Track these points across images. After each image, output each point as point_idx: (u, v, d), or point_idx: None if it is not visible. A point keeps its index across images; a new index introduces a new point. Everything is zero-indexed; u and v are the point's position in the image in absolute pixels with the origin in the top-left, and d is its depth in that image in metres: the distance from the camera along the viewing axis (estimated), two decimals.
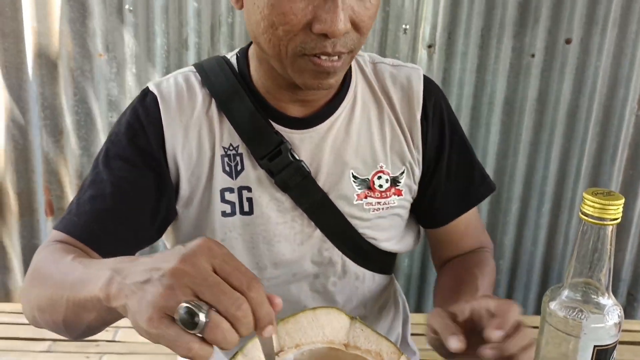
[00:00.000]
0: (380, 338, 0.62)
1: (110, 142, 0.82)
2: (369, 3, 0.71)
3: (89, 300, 0.58)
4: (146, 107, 0.82)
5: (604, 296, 0.57)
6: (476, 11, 1.62)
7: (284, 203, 0.84)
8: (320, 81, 0.74)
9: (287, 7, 0.68)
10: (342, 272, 0.88)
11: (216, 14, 1.64)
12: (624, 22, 1.62)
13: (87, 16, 1.65)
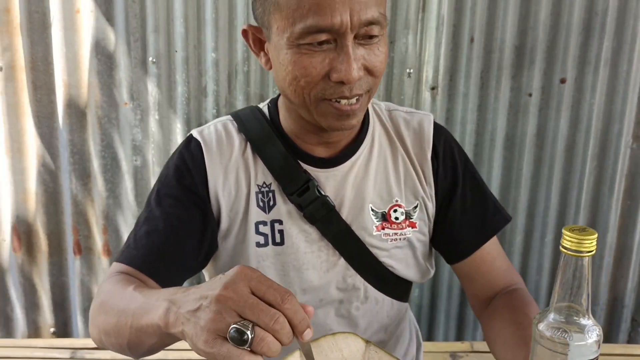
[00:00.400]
0: (392, 359, 0.71)
1: (160, 183, 0.95)
2: (378, 51, 0.82)
3: (149, 326, 0.69)
4: (191, 152, 0.94)
5: (585, 317, 0.65)
6: (475, 55, 1.74)
7: (311, 234, 0.94)
8: (342, 122, 0.85)
9: (307, 62, 0.80)
10: (364, 297, 0.98)
11: (232, 64, 1.76)
12: (614, 62, 1.73)
13: (113, 68, 1.78)
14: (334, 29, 0.77)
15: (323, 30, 0.77)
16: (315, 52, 0.80)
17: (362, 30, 0.79)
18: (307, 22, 0.77)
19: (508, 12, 1.70)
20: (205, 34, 1.74)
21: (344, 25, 0.77)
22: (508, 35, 1.71)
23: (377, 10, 0.80)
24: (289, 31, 0.79)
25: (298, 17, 0.78)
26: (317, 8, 0.76)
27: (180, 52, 1.75)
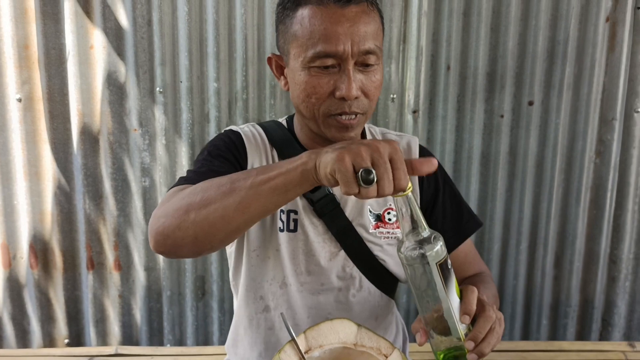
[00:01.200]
0: (379, 338, 0.88)
1: (210, 148, 1.10)
2: (374, 77, 1.03)
3: (284, 173, 0.81)
4: (232, 138, 1.12)
5: (425, 231, 0.81)
6: (452, 81, 1.92)
7: (318, 227, 1.13)
8: (342, 134, 1.05)
9: (316, 82, 1.01)
10: (359, 286, 1.15)
11: (232, 92, 1.94)
12: (576, 85, 1.92)
13: (124, 98, 1.95)
14: (338, 55, 0.98)
15: (329, 55, 0.98)
16: (323, 74, 1.00)
17: (361, 58, 0.99)
18: (317, 48, 0.98)
19: (480, 42, 1.89)
20: (208, 66, 1.92)
21: (346, 52, 0.98)
22: (480, 63, 1.90)
23: (374, 42, 1.00)
24: (303, 56, 1.00)
25: (310, 44, 0.99)
26: (325, 38, 0.97)
27: (185, 83, 1.93)
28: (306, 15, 0.99)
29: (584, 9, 1.87)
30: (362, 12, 1.00)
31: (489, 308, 0.87)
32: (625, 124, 1.95)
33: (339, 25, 0.97)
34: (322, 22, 0.98)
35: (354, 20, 0.98)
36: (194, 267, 2.06)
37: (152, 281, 2.08)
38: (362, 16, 0.99)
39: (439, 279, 0.80)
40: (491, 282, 1.17)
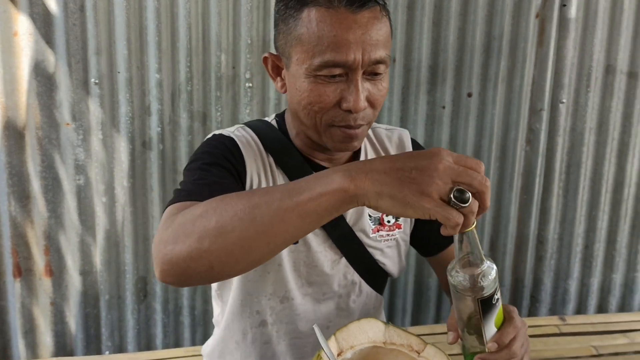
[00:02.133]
0: (409, 335, 0.89)
1: (203, 156, 0.99)
2: (381, 85, 0.96)
3: (317, 198, 0.68)
4: (229, 143, 1.02)
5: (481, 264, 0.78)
6: (397, 73, 1.96)
7: (319, 236, 1.08)
8: (347, 144, 0.99)
9: (322, 90, 0.93)
10: (359, 291, 1.14)
11: (176, 84, 1.85)
12: (510, 78, 2.03)
13: (53, 89, 1.80)
14: (347, 65, 0.90)
15: (338, 65, 0.90)
16: (329, 83, 0.92)
17: (370, 68, 0.92)
18: (325, 57, 0.90)
19: (423, 36, 1.94)
20: (149, 56, 1.81)
21: (356, 62, 0.90)
22: (424, 57, 1.96)
23: (385, 51, 0.93)
24: (308, 63, 0.92)
25: (317, 52, 0.90)
26: (335, 46, 0.89)
27: (123, 73, 1.81)
28: (314, 18, 0.90)
29: (517, 6, 1.98)
30: (375, 17, 0.92)
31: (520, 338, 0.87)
32: (551, 114, 2.09)
33: (350, 32, 0.89)
34: (331, 28, 0.89)
35: (367, 27, 0.90)
36: (135, 267, 1.95)
37: (89, 286, 1.95)
38: (374, 22, 0.92)
39: (479, 310, 0.80)
40: None
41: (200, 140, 1.88)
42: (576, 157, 2.14)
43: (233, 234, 0.70)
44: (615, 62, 2.07)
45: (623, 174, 2.18)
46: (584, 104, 2.10)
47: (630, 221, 2.24)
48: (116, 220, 1.91)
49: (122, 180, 1.88)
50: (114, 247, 1.93)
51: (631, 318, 2.13)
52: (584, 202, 2.19)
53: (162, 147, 1.88)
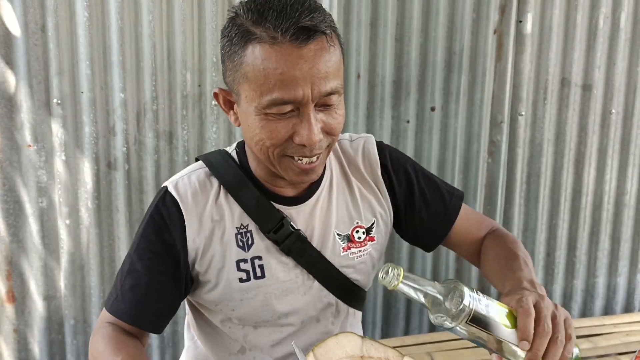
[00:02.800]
0: (386, 347, 0.90)
1: (139, 237, 1.03)
2: (336, 114, 0.94)
3: None
4: (167, 207, 1.02)
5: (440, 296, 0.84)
6: (362, 89, 1.99)
7: (288, 264, 1.06)
8: (302, 178, 0.98)
9: (273, 127, 0.91)
10: (336, 312, 1.13)
11: (141, 103, 1.83)
12: (470, 92, 2.08)
13: (14, 111, 1.76)
14: (297, 101, 0.88)
15: (287, 102, 0.88)
16: (280, 119, 0.90)
17: (322, 100, 0.90)
18: (273, 95, 0.87)
19: (386, 53, 1.98)
20: (112, 76, 1.80)
21: (305, 98, 0.88)
22: (387, 72, 2.00)
23: (336, 81, 0.90)
24: (257, 101, 0.89)
25: (265, 90, 0.88)
26: (282, 84, 0.87)
27: (87, 93, 1.79)
28: (259, 56, 0.88)
29: (475, 23, 2.04)
30: (322, 49, 0.88)
31: (542, 317, 0.85)
32: (511, 126, 2.15)
33: (296, 67, 0.86)
34: (277, 65, 0.87)
35: (314, 61, 0.87)
36: (101, 290, 1.91)
37: (53, 311, 1.90)
38: (322, 54, 0.88)
39: (476, 330, 0.82)
40: (514, 247, 1.10)
41: (166, 160, 1.87)
42: (536, 167, 2.20)
43: None
44: (569, 75, 2.15)
45: (580, 183, 2.26)
46: (541, 116, 2.17)
47: (589, 228, 2.31)
48: (81, 243, 1.87)
49: (87, 201, 1.85)
50: (78, 270, 1.89)
51: (593, 323, 2.20)
52: (544, 211, 2.25)
53: (128, 167, 1.86)
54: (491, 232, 1.18)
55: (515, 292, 0.91)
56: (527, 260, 1.05)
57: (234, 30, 0.92)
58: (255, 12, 0.89)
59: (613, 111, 2.22)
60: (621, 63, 2.19)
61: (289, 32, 0.86)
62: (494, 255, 1.10)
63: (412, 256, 2.18)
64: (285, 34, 0.86)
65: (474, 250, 1.18)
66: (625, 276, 2.39)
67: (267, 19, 0.88)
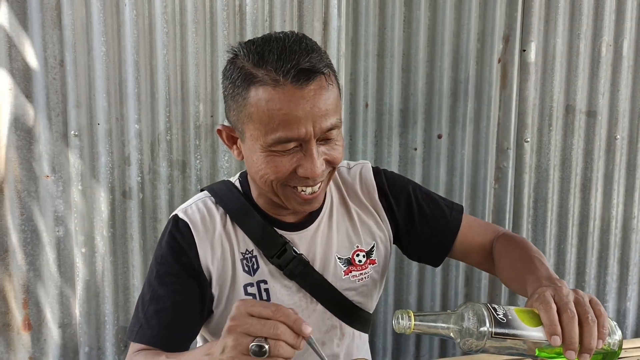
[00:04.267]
0: None
1: (158, 264, 1.07)
2: (336, 145, 0.99)
3: None
4: (181, 232, 1.07)
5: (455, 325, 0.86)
6: (370, 118, 2.04)
7: (291, 288, 1.11)
8: (305, 207, 1.03)
9: (278, 161, 0.96)
10: (340, 334, 1.16)
11: (155, 133, 1.88)
12: (477, 120, 2.12)
13: (33, 143, 1.81)
14: (300, 139, 0.93)
15: (291, 140, 0.93)
16: (284, 155, 0.95)
17: (323, 135, 0.95)
18: (277, 134, 0.92)
19: (393, 82, 2.03)
20: (128, 107, 1.85)
21: (308, 135, 0.93)
22: (395, 101, 2.04)
23: (335, 117, 0.96)
24: (262, 140, 0.94)
25: (269, 130, 0.93)
26: (285, 123, 0.92)
27: (103, 125, 1.84)
28: (262, 98, 0.92)
29: (480, 52, 2.08)
30: (321, 87, 0.93)
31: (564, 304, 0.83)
32: (517, 152, 2.19)
33: (299, 108, 0.91)
34: (280, 106, 0.91)
35: (314, 100, 0.92)
36: (115, 317, 1.94)
37: (68, 338, 1.93)
38: (321, 93, 0.93)
39: (505, 342, 0.82)
40: (526, 248, 1.10)
41: (180, 189, 1.91)
42: (542, 192, 2.23)
43: None
44: (574, 102, 2.19)
45: (587, 207, 2.28)
46: (547, 142, 2.20)
47: (597, 253, 2.32)
48: (96, 271, 1.91)
49: (102, 230, 1.89)
50: (93, 298, 1.92)
51: None
52: (552, 235, 2.27)
53: (142, 196, 1.90)
54: (498, 237, 1.19)
55: (534, 293, 0.91)
56: (541, 259, 1.05)
57: (235, 72, 0.96)
58: (255, 55, 0.94)
59: (618, 137, 2.25)
60: (625, 89, 2.22)
61: (290, 74, 0.91)
62: (508, 262, 1.10)
63: (421, 281, 2.19)
64: (287, 76, 0.91)
65: (484, 258, 1.19)
66: (635, 300, 2.39)
67: (268, 61, 0.92)
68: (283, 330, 0.76)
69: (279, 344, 0.76)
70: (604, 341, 0.84)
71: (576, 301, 0.85)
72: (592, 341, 0.82)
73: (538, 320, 0.84)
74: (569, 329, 0.81)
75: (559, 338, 0.81)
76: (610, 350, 0.87)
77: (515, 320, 0.83)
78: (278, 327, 0.76)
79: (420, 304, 2.20)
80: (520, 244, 1.12)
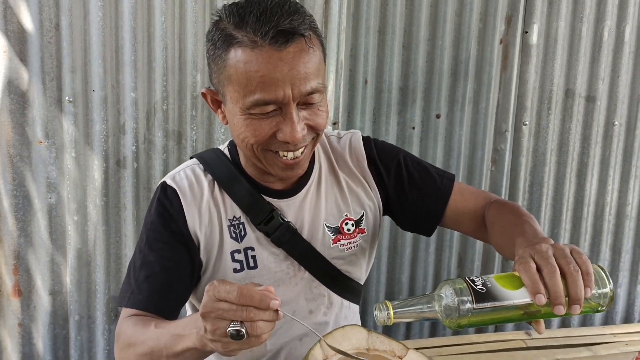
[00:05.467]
0: (390, 340, 0.92)
1: (148, 230, 1.06)
2: (319, 111, 0.98)
3: (186, 350, 0.85)
4: (169, 199, 1.07)
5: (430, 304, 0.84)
6: (369, 95, 2.02)
7: (279, 255, 1.10)
8: (288, 173, 1.02)
9: (257, 125, 0.96)
10: (329, 303, 1.16)
11: (151, 102, 1.86)
12: (476, 100, 2.11)
13: (26, 107, 1.79)
14: (278, 101, 0.92)
15: (269, 103, 0.92)
16: (264, 118, 0.95)
17: (304, 99, 0.94)
18: (255, 96, 0.92)
19: (394, 59, 2.01)
20: (124, 75, 1.82)
21: (286, 98, 0.92)
22: (394, 78, 2.02)
23: (316, 81, 0.94)
24: (241, 102, 0.94)
25: (248, 92, 0.92)
26: (263, 85, 0.91)
27: (98, 92, 1.81)
28: (241, 60, 0.91)
29: (482, 32, 2.07)
30: (301, 50, 0.92)
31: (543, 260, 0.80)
32: (515, 135, 2.18)
33: (276, 70, 0.90)
34: (258, 68, 0.90)
35: (293, 63, 0.91)
36: (106, 287, 1.93)
37: (58, 306, 1.92)
38: (301, 55, 0.92)
39: (490, 310, 0.80)
40: (517, 212, 1.07)
41: (174, 160, 1.90)
42: (539, 176, 2.23)
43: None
44: (574, 86, 2.18)
45: (583, 193, 2.28)
46: (545, 125, 2.19)
47: (590, 239, 2.33)
48: (88, 239, 1.89)
49: (95, 198, 1.87)
50: (85, 266, 1.91)
51: (593, 332, 2.21)
52: (546, 220, 2.27)
53: (137, 166, 1.88)
54: (491, 203, 1.16)
55: (516, 256, 0.88)
56: (531, 222, 1.02)
57: (217, 34, 0.95)
58: (236, 16, 0.93)
59: (616, 123, 2.24)
60: (625, 75, 2.21)
61: (269, 35, 0.90)
62: (500, 228, 1.08)
63: (414, 261, 2.20)
64: (265, 38, 0.90)
65: (476, 225, 1.17)
66: (626, 287, 2.41)
67: (247, 23, 0.91)
68: (255, 312, 0.75)
69: (255, 325, 0.75)
70: (591, 289, 0.80)
71: (556, 254, 0.81)
72: (579, 290, 0.78)
73: (520, 282, 0.81)
74: (552, 283, 0.78)
75: (543, 296, 0.78)
76: (602, 303, 0.83)
77: (496, 287, 0.80)
78: (250, 310, 0.75)
79: (412, 284, 2.21)
80: (512, 209, 1.10)
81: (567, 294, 0.78)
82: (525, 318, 0.82)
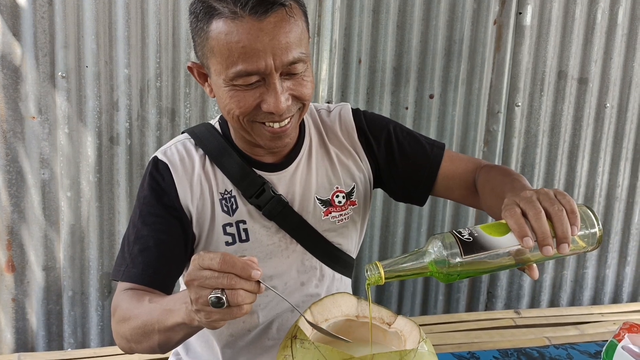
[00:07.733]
0: (380, 307, 0.93)
1: (141, 204, 1.07)
2: (304, 80, 0.98)
3: (176, 325, 0.86)
4: (161, 173, 1.07)
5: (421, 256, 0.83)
6: (362, 74, 2.03)
7: (271, 228, 1.11)
8: (276, 143, 1.02)
9: (241, 96, 0.95)
10: (320, 275, 1.17)
11: (145, 79, 1.86)
12: (469, 81, 2.12)
13: (19, 82, 1.78)
14: (260, 72, 0.92)
15: (251, 73, 0.92)
16: (248, 89, 0.94)
17: (286, 69, 0.93)
18: (237, 67, 0.91)
19: (387, 38, 2.01)
20: (117, 51, 1.82)
21: (268, 68, 0.91)
22: (388, 58, 2.03)
23: (298, 51, 0.93)
24: (224, 74, 0.93)
25: (230, 63, 0.92)
26: (245, 56, 0.90)
27: (92, 68, 1.81)
28: (222, 31, 0.91)
29: (476, 13, 2.07)
30: (282, 20, 0.92)
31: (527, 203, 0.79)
32: (508, 116, 2.19)
33: (257, 40, 0.90)
34: (239, 39, 0.90)
35: (274, 33, 0.91)
36: (100, 263, 1.94)
37: (51, 282, 1.93)
38: (282, 25, 0.91)
39: (479, 259, 0.79)
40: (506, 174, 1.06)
41: (168, 137, 1.90)
42: (530, 157, 2.24)
43: (145, 342, 0.94)
44: (566, 68, 2.19)
45: (573, 174, 2.30)
46: (537, 107, 2.20)
47: None
48: (81, 215, 1.90)
49: (88, 174, 1.87)
50: (78, 242, 1.92)
51: (581, 312, 2.24)
52: None
53: (130, 143, 1.89)
54: (481, 168, 1.16)
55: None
56: (520, 179, 1.02)
57: (198, 6, 0.95)
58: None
59: (608, 105, 2.26)
60: (617, 58, 2.22)
61: (248, 6, 0.89)
62: (490, 191, 1.07)
63: (406, 240, 2.22)
64: (245, 8, 0.89)
65: (467, 191, 1.17)
66: (614, 268, 2.44)
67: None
68: (237, 280, 0.75)
69: (236, 293, 0.75)
70: (578, 227, 0.79)
71: (540, 198, 0.80)
72: (565, 229, 0.77)
73: (507, 229, 0.80)
74: (538, 225, 0.77)
75: (530, 238, 0.77)
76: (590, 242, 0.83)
77: (483, 236, 0.79)
78: (231, 277, 0.75)
79: None
80: (501, 170, 1.10)
81: (554, 234, 0.78)
82: (515, 265, 0.82)
